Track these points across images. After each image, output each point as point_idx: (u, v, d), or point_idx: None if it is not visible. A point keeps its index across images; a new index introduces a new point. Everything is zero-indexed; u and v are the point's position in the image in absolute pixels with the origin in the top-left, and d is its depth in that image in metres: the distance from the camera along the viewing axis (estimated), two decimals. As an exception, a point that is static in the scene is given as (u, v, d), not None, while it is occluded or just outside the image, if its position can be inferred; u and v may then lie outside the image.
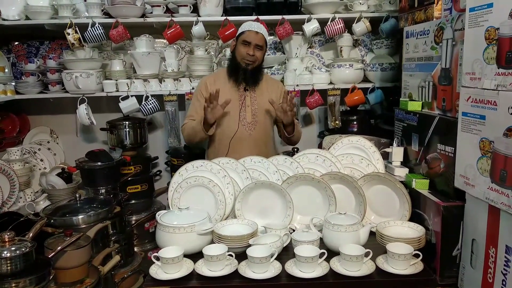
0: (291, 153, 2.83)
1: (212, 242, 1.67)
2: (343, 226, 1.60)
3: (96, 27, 2.65)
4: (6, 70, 2.80)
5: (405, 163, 1.99)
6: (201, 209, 1.79)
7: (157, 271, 1.53)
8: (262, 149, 2.35)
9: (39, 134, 3.14)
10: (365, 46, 3.14)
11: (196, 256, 1.61)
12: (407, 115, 1.95)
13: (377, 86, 2.90)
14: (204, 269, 1.53)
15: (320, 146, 2.71)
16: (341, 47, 2.91)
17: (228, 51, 2.90)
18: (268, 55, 3.05)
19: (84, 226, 1.95)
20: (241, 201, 1.83)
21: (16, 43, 2.98)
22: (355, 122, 2.96)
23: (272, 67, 2.88)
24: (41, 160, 2.89)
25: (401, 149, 1.98)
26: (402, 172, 1.92)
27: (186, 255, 1.58)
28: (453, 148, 1.59)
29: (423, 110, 1.91)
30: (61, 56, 2.86)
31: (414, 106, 1.92)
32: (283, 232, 1.69)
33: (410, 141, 1.94)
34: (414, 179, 1.77)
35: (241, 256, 1.56)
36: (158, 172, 3.21)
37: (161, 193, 3.16)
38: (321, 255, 1.52)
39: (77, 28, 2.66)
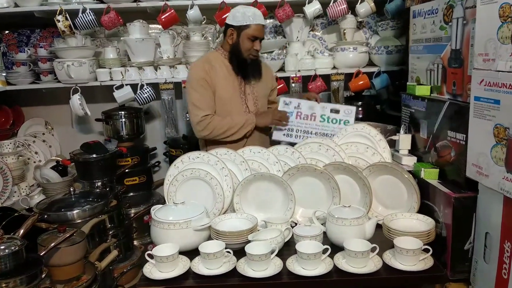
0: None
1: (209, 238, 1.60)
2: (348, 219, 1.51)
3: (87, 13, 2.54)
4: (-4, 60, 2.72)
5: (413, 151, 1.90)
6: (198, 203, 1.72)
7: (151, 270, 1.46)
8: (266, 137, 2.33)
9: (33, 126, 3.07)
10: (369, 28, 3.01)
11: (192, 252, 1.53)
12: (414, 100, 1.84)
13: (383, 70, 2.80)
14: (201, 267, 1.45)
15: (323, 134, 2.62)
16: (344, 30, 2.78)
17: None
18: (268, 39, 2.94)
19: (79, 221, 1.90)
20: (239, 194, 1.75)
21: (6, 32, 2.87)
22: (360, 108, 2.84)
23: (272, 52, 2.77)
24: (36, 152, 2.81)
25: (409, 136, 1.88)
26: (410, 161, 1.83)
27: (182, 252, 1.51)
28: (464, 135, 1.49)
29: (431, 94, 1.81)
30: (53, 45, 2.77)
31: (422, 90, 1.82)
32: (284, 226, 1.61)
33: (418, 128, 1.83)
34: (422, 169, 1.67)
35: (241, 252, 1.47)
36: (156, 163, 3.14)
37: (160, 185, 3.09)
38: (325, 251, 1.43)
39: (67, 15, 2.55)
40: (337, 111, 2.19)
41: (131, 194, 2.82)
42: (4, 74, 2.74)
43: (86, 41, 2.76)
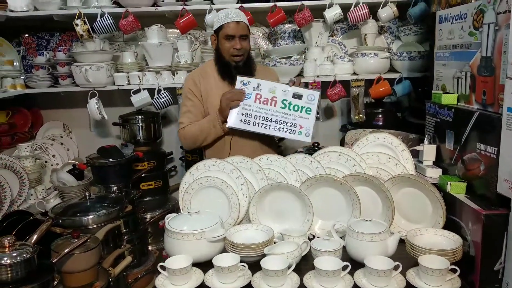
0: (311, 149, 2.68)
1: (224, 249, 1.55)
2: (369, 234, 1.44)
3: (105, 17, 2.54)
4: (16, 64, 2.73)
5: (437, 163, 1.81)
6: (213, 212, 1.67)
7: (164, 282, 1.42)
8: (266, 146, 2.23)
9: (52, 129, 3.08)
10: (391, 33, 2.92)
11: (206, 264, 1.48)
12: (440, 109, 1.76)
13: (405, 76, 2.70)
14: (215, 281, 1.40)
15: (342, 141, 2.54)
16: (365, 35, 2.71)
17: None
18: (286, 44, 2.88)
19: (94, 226, 1.87)
20: (256, 204, 1.69)
21: (26, 35, 2.89)
22: (380, 115, 2.77)
23: (290, 57, 2.71)
24: (53, 155, 2.82)
25: (434, 147, 1.80)
26: (434, 173, 1.74)
27: (195, 263, 1.46)
28: (495, 149, 1.40)
29: (458, 104, 1.72)
30: (71, 48, 2.77)
31: (449, 99, 1.73)
32: (301, 239, 1.54)
33: (443, 139, 1.74)
34: (449, 182, 1.58)
35: (256, 265, 1.42)
36: (172, 168, 3.12)
37: (176, 190, 3.06)
38: (344, 267, 1.36)
39: (85, 19, 2.55)
40: (299, 97, 1.99)
41: (147, 198, 2.80)
42: (23, 77, 2.75)
43: (104, 45, 2.74)
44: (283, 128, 2.00)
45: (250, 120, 2.02)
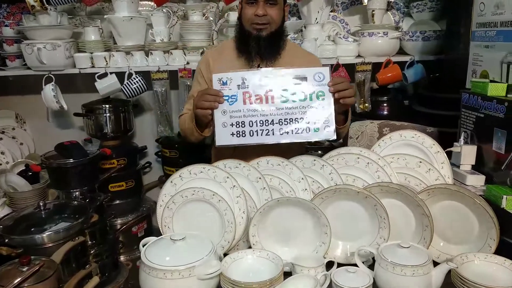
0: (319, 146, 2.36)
1: (219, 285, 1.20)
2: (408, 267, 1.12)
3: (61, -16, 2.11)
4: (-48, 41, 2.26)
5: (477, 167, 1.49)
6: (203, 236, 1.31)
7: None
8: (284, 149, 1.73)
9: (1, 119, 2.66)
10: (398, 10, 2.57)
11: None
12: (485, 102, 1.43)
13: (416, 59, 2.39)
14: (209, 336, 1.04)
15: (345, 135, 2.20)
16: (373, 11, 2.35)
17: (232, 16, 2.33)
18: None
19: (51, 244, 1.49)
20: (257, 224, 1.33)
21: (-33, 5, 2.42)
22: (385, 104, 2.47)
23: (287, 35, 2.33)
24: (2, 152, 2.38)
25: (474, 148, 1.47)
26: (477, 181, 1.43)
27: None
28: None
29: (508, 95, 1.39)
30: (21, 23, 2.35)
31: (497, 89, 1.40)
32: (319, 271, 1.20)
33: (488, 139, 1.43)
34: (504, 196, 1.26)
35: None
36: (146, 164, 2.76)
37: (151, 188, 2.80)
38: (382, 316, 1.03)
39: (37, -14, 2.11)
40: (304, 78, 1.49)
41: (117, 202, 2.48)
42: (-39, 58, 2.30)
43: (62, 19, 2.34)
44: (292, 130, 1.52)
45: (244, 131, 1.53)
